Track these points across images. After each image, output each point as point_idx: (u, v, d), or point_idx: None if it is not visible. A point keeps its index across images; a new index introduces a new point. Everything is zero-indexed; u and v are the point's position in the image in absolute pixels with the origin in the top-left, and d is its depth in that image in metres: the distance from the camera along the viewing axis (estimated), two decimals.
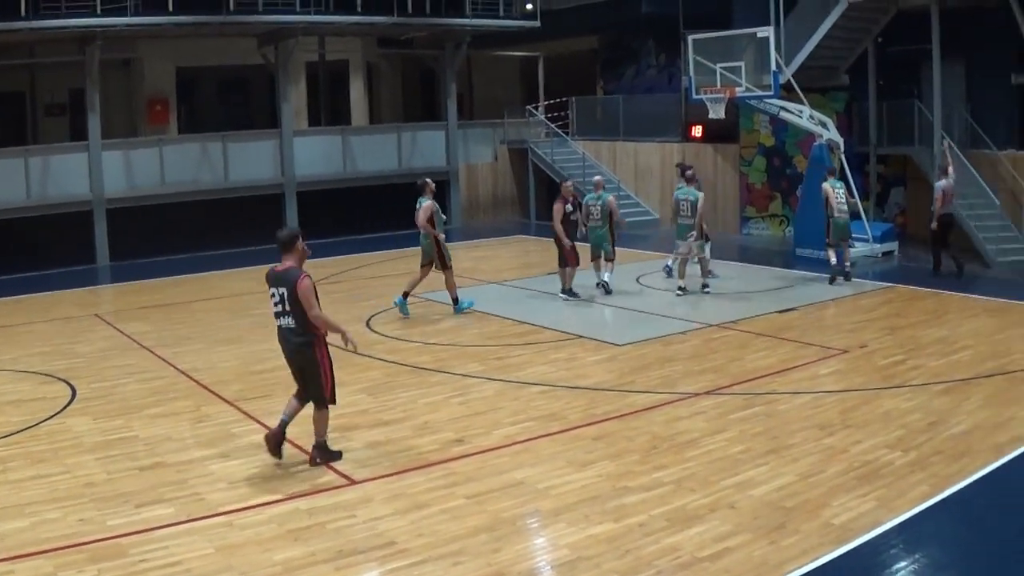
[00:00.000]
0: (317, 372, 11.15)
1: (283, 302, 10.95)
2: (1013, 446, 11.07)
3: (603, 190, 21.18)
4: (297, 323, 10.93)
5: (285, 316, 11.00)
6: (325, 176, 31.98)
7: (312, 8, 29.57)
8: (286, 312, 10.96)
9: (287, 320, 10.99)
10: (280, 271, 11.07)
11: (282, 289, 10.93)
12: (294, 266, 11.07)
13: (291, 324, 10.98)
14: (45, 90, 32.68)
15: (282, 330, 11.12)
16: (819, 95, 27.43)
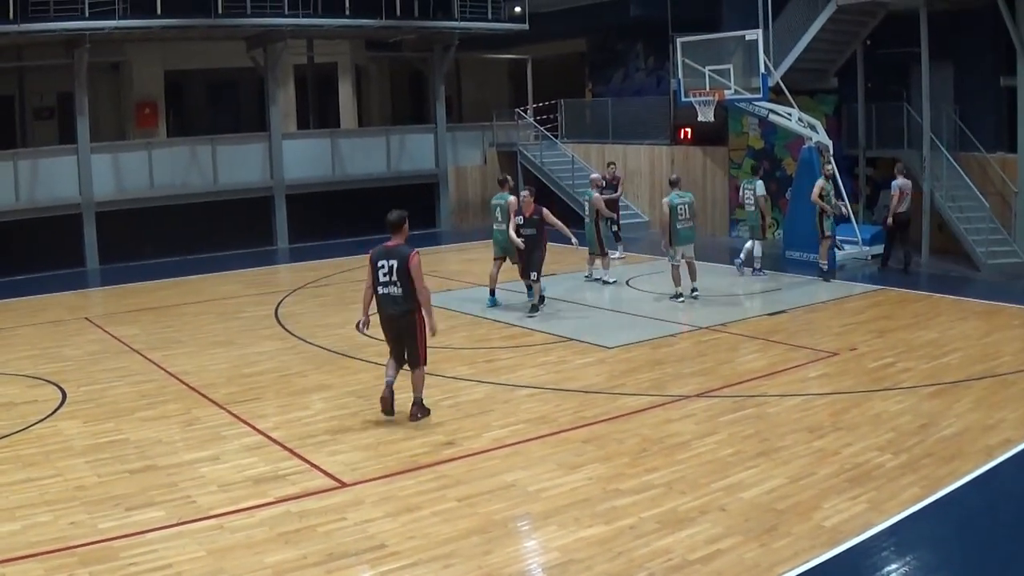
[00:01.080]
0: (415, 336, 12.70)
1: (391, 273, 12.50)
2: (1003, 448, 11.10)
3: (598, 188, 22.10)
4: (403, 292, 12.49)
5: (392, 285, 12.53)
6: (314, 179, 31.95)
7: (300, 11, 29.58)
8: (393, 282, 12.51)
9: (394, 289, 12.53)
10: (391, 246, 12.63)
11: (392, 261, 12.50)
12: (403, 243, 12.60)
13: (397, 293, 12.52)
14: (34, 93, 32.64)
15: (387, 297, 12.59)
16: (808, 98, 27.45)
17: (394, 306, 12.57)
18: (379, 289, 12.63)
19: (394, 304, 12.55)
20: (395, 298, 12.52)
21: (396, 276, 12.45)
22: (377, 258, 12.63)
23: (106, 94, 33.01)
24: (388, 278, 12.51)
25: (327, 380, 14.96)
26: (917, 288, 21.31)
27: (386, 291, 12.57)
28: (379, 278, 12.58)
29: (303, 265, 26.55)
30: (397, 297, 12.50)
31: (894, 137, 26.33)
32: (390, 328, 12.81)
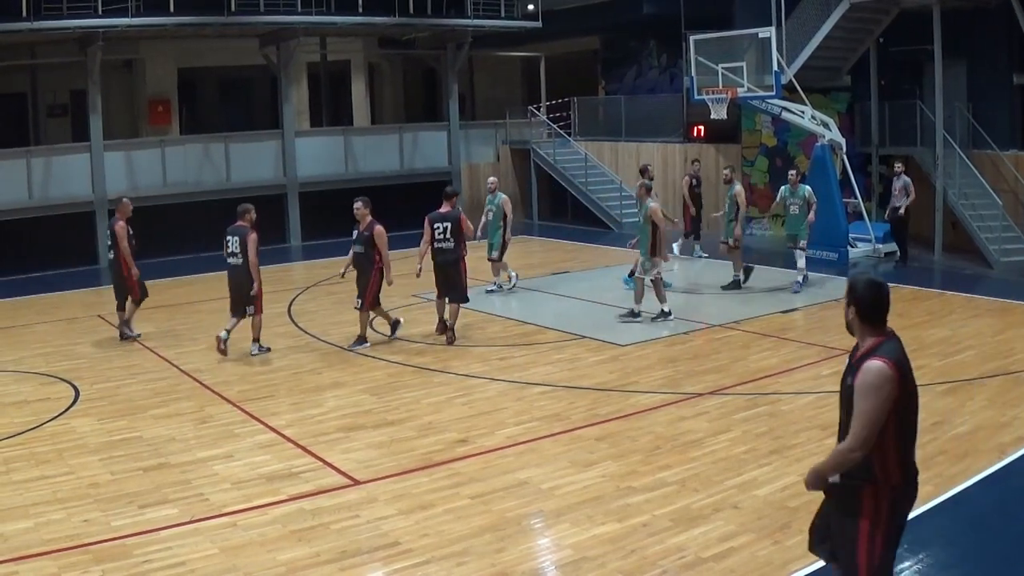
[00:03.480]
0: (460, 278, 16.99)
1: (445, 232, 16.84)
2: (1016, 446, 11.08)
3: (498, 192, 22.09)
4: (454, 245, 16.81)
5: (445, 241, 16.83)
6: (327, 177, 31.97)
7: (314, 8, 29.59)
8: (446, 239, 16.83)
9: (447, 243, 16.83)
10: (444, 212, 17.01)
11: (446, 223, 16.86)
12: (452, 210, 17.03)
13: (449, 246, 16.82)
14: (47, 91, 32.72)
15: (440, 250, 16.90)
16: (821, 95, 27.44)
17: (447, 255, 16.81)
18: (435, 244, 16.88)
19: (447, 254, 16.81)
20: (447, 250, 16.82)
21: (450, 234, 16.76)
22: (434, 220, 16.92)
23: (119, 92, 33.08)
24: (442, 236, 16.81)
25: (340, 378, 14.98)
26: (930, 285, 21.28)
27: (440, 246, 16.86)
28: (435, 236, 16.84)
29: (316, 262, 26.54)
30: (448, 249, 16.81)
31: (907, 135, 26.30)
32: (442, 273, 16.95)
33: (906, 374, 6.03)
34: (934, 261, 24.10)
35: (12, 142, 28.75)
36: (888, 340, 6.15)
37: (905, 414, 6.06)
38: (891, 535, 6.21)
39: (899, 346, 6.15)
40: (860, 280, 6.25)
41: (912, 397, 6.09)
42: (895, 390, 5.93)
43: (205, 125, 34.11)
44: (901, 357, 6.07)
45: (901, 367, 6.00)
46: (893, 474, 6.08)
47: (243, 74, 35.46)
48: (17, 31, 25.66)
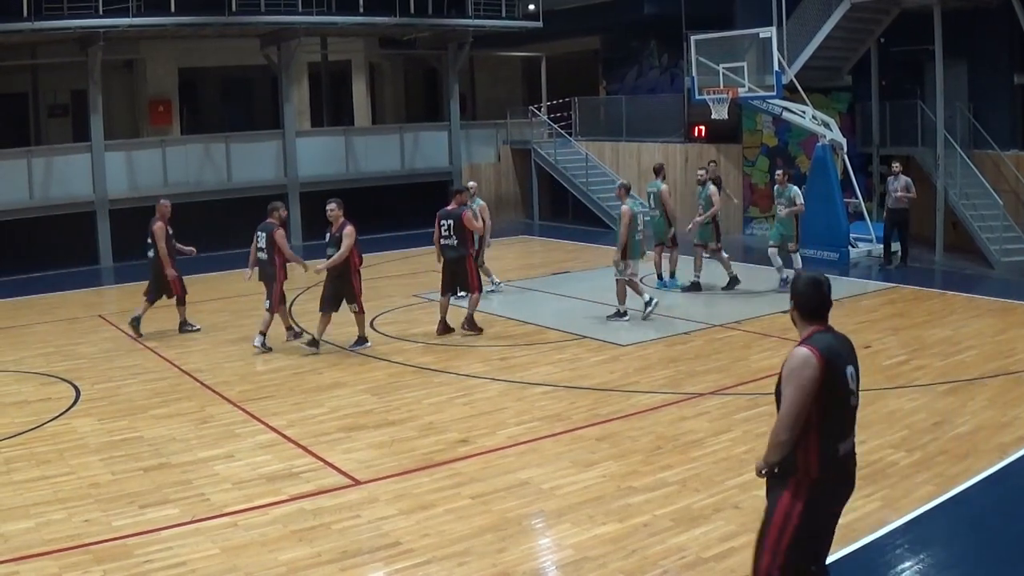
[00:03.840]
0: (467, 272, 17.36)
1: (449, 229, 17.16)
2: (1018, 446, 11.07)
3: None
4: (458, 242, 17.16)
5: (450, 238, 17.20)
6: (328, 177, 31.94)
7: (314, 8, 29.59)
8: (451, 235, 17.16)
9: (451, 240, 17.22)
10: (450, 209, 17.35)
11: (450, 220, 17.14)
12: (456, 207, 17.29)
13: (453, 243, 17.20)
14: (48, 91, 32.74)
15: (446, 247, 17.35)
16: (822, 95, 27.44)
17: (452, 252, 17.28)
18: (442, 241, 17.35)
19: (452, 251, 17.27)
20: (452, 247, 17.23)
21: (453, 231, 17.10)
22: (441, 218, 17.35)
23: (120, 92, 33.10)
24: (447, 232, 17.19)
25: (341, 378, 14.98)
26: (931, 286, 21.30)
27: (445, 243, 17.33)
28: (442, 233, 17.26)
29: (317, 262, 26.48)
30: (452, 246, 17.21)
31: (908, 135, 26.29)
32: (449, 269, 17.43)
33: (834, 366, 6.15)
34: (935, 261, 24.10)
35: (13, 142, 28.77)
36: (823, 332, 6.34)
37: (830, 408, 6.18)
38: (805, 530, 6.29)
39: (833, 340, 6.32)
40: (801, 278, 6.54)
41: (838, 391, 6.19)
42: (817, 378, 6.07)
43: (206, 125, 34.13)
44: (832, 349, 6.23)
45: (828, 358, 6.14)
46: (812, 468, 6.21)
47: (244, 74, 35.47)
48: (18, 31, 25.66)
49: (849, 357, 6.35)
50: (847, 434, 6.33)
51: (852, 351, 6.44)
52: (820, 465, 6.22)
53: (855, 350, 6.51)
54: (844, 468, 6.35)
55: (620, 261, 18.00)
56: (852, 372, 6.31)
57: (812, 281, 6.44)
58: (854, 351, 6.48)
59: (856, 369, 6.38)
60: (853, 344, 6.54)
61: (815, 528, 6.36)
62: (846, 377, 6.24)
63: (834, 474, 6.29)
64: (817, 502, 6.28)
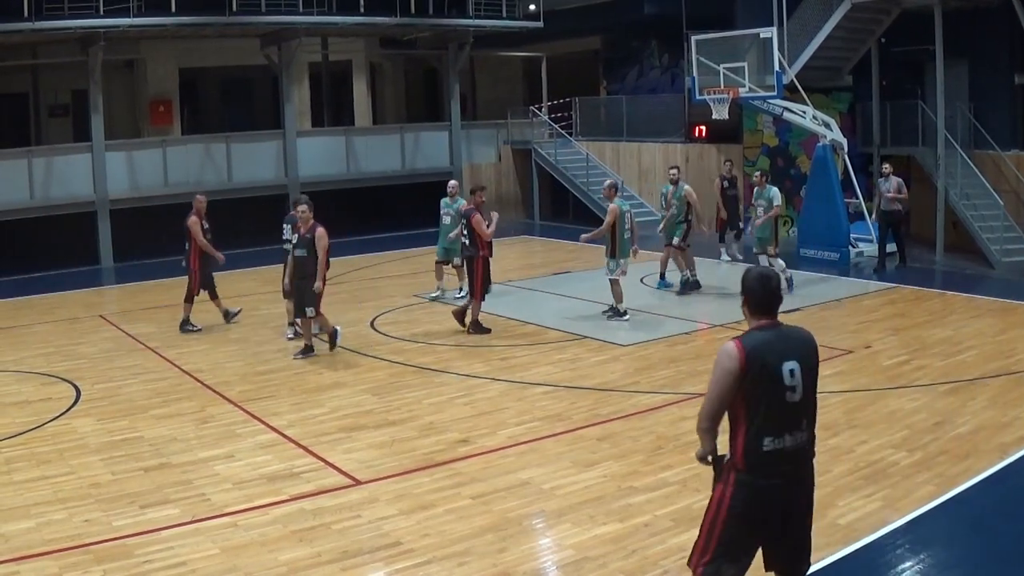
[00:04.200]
0: (473, 274, 17.35)
1: (463, 228, 17.40)
2: (1018, 446, 11.07)
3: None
4: (469, 242, 17.27)
5: (465, 237, 17.37)
6: (329, 176, 31.95)
7: (315, 8, 29.59)
8: (465, 235, 17.35)
9: (465, 239, 17.37)
10: (464, 209, 17.75)
11: (464, 220, 17.35)
12: (471, 207, 17.41)
13: (466, 242, 17.35)
14: (48, 91, 32.74)
15: (463, 246, 17.61)
16: (822, 95, 27.43)
17: (465, 251, 17.65)
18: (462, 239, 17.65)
19: (465, 250, 17.63)
20: (465, 246, 17.52)
21: (466, 230, 17.28)
22: (460, 216, 17.82)
23: (121, 92, 33.09)
24: (463, 232, 17.44)
25: (342, 378, 14.98)
26: (931, 286, 21.29)
27: (463, 241, 17.57)
28: (462, 231, 17.57)
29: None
30: (465, 246, 17.51)
31: (908, 135, 26.27)
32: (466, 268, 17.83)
33: (758, 362, 6.21)
34: (935, 261, 24.09)
35: (14, 142, 28.79)
36: (762, 329, 6.43)
37: (757, 402, 6.24)
38: (734, 519, 6.35)
39: (772, 336, 6.39)
40: (750, 273, 6.62)
41: (766, 387, 6.23)
42: (734, 371, 6.21)
43: (206, 125, 34.14)
44: (762, 345, 6.29)
45: (751, 353, 6.22)
46: (739, 460, 6.32)
47: (244, 74, 35.45)
48: (18, 31, 25.66)
49: (792, 353, 6.34)
50: (780, 430, 6.30)
51: (803, 347, 6.46)
52: (745, 458, 6.30)
53: (811, 346, 6.52)
54: (773, 464, 6.29)
55: (611, 260, 18.02)
56: (794, 368, 6.28)
57: (761, 277, 6.55)
58: (807, 347, 6.49)
59: (804, 365, 6.36)
60: (810, 340, 6.55)
61: (746, 519, 6.36)
62: (780, 373, 6.24)
63: (760, 469, 6.29)
64: (745, 494, 6.32)
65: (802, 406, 6.38)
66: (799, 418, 6.38)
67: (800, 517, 6.58)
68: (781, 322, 6.51)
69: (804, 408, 6.41)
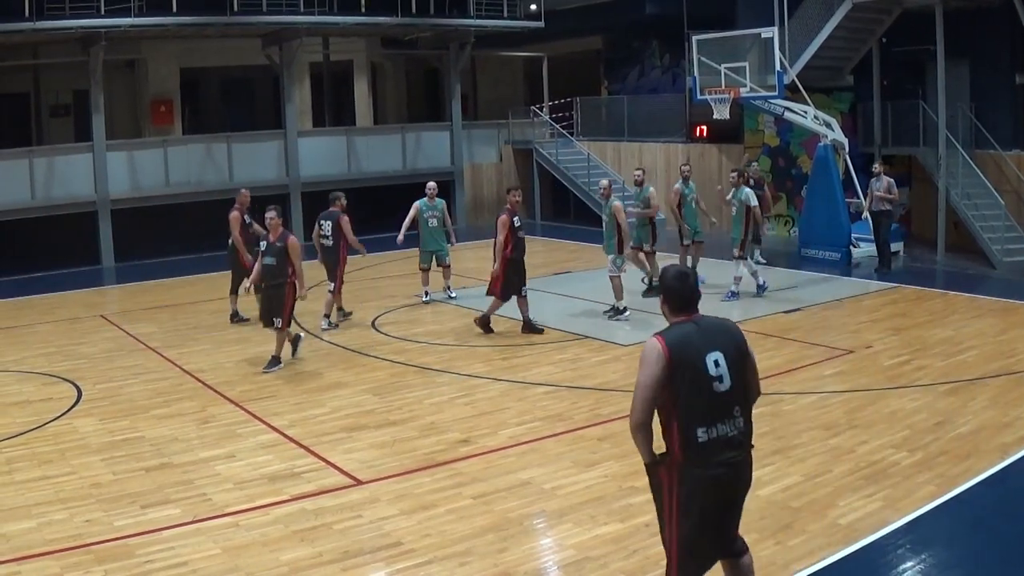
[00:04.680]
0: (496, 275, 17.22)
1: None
2: (1019, 446, 11.06)
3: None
4: (500, 243, 16.94)
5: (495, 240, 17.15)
6: (330, 176, 31.90)
7: (316, 8, 29.59)
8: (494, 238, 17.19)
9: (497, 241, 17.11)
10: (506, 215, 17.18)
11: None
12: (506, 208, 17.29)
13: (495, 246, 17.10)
14: (49, 91, 32.73)
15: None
16: (823, 95, 27.42)
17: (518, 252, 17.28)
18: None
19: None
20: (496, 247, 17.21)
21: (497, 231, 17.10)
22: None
23: (122, 92, 33.10)
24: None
25: (343, 378, 14.98)
26: (932, 286, 21.28)
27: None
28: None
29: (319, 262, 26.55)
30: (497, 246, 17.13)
31: (909, 135, 26.25)
32: None
33: (682, 355, 6.44)
34: (937, 261, 24.09)
35: (15, 142, 28.80)
36: (683, 323, 6.73)
37: (684, 394, 6.43)
38: (684, 507, 6.54)
39: (693, 329, 6.66)
40: (668, 271, 6.96)
41: (692, 379, 6.44)
42: (660, 365, 6.39)
43: (207, 125, 34.14)
44: (683, 339, 6.55)
45: (674, 348, 6.44)
46: (676, 451, 6.49)
47: (246, 74, 35.45)
48: (20, 31, 25.69)
49: (714, 345, 6.57)
50: (711, 420, 6.49)
51: (724, 337, 6.71)
52: (681, 449, 6.46)
53: (733, 335, 6.79)
54: (710, 454, 6.46)
55: (618, 257, 18.12)
56: (718, 359, 6.51)
57: (679, 275, 6.86)
58: (729, 336, 6.75)
59: (729, 355, 6.59)
60: (731, 330, 6.86)
61: (696, 508, 6.52)
62: (704, 364, 6.45)
63: (697, 459, 6.45)
64: (687, 484, 6.49)
65: (732, 395, 6.60)
66: (730, 406, 6.60)
67: (739, 503, 6.84)
68: (701, 315, 6.82)
69: (735, 397, 6.63)
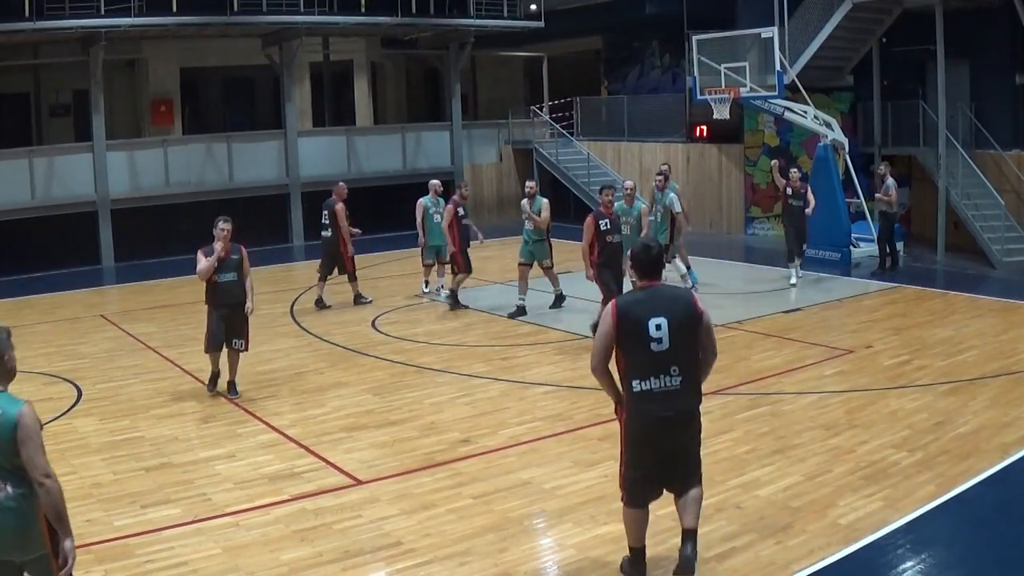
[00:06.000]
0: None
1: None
2: (1019, 446, 11.08)
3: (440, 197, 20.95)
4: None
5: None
6: (330, 176, 31.72)
7: (316, 8, 29.58)
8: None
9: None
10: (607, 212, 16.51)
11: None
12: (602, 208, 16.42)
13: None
14: (50, 91, 32.71)
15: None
16: (823, 95, 27.44)
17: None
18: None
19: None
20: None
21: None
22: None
23: (122, 91, 33.08)
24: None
25: (343, 378, 14.98)
26: (933, 286, 21.29)
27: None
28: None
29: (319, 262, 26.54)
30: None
31: (909, 135, 26.28)
32: None
33: (628, 318, 7.63)
34: (937, 261, 24.11)
35: (15, 142, 28.80)
36: (641, 290, 7.93)
37: (628, 351, 7.72)
38: (632, 445, 7.96)
39: (644, 296, 7.81)
40: (637, 244, 8.23)
41: (634, 338, 7.64)
42: (609, 324, 7.68)
43: (208, 125, 34.11)
44: (633, 303, 7.77)
45: (622, 309, 7.68)
46: (625, 397, 7.91)
47: (246, 74, 35.42)
48: (20, 31, 25.68)
49: (659, 311, 7.62)
50: (646, 375, 7.66)
51: (671, 304, 7.73)
52: (628, 397, 7.84)
53: (681, 303, 7.82)
54: (644, 403, 7.70)
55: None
56: (660, 323, 7.58)
57: (644, 247, 8.00)
58: (676, 304, 7.77)
59: (673, 322, 7.62)
60: (680, 298, 7.93)
61: (633, 447, 7.94)
62: (646, 326, 7.58)
63: (637, 406, 7.75)
64: (634, 425, 7.87)
65: (669, 355, 7.63)
66: (667, 365, 7.65)
67: (683, 448, 7.95)
68: (661, 284, 7.94)
69: (672, 357, 7.64)
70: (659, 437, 7.80)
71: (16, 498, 6.10)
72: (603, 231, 16.17)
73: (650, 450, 7.85)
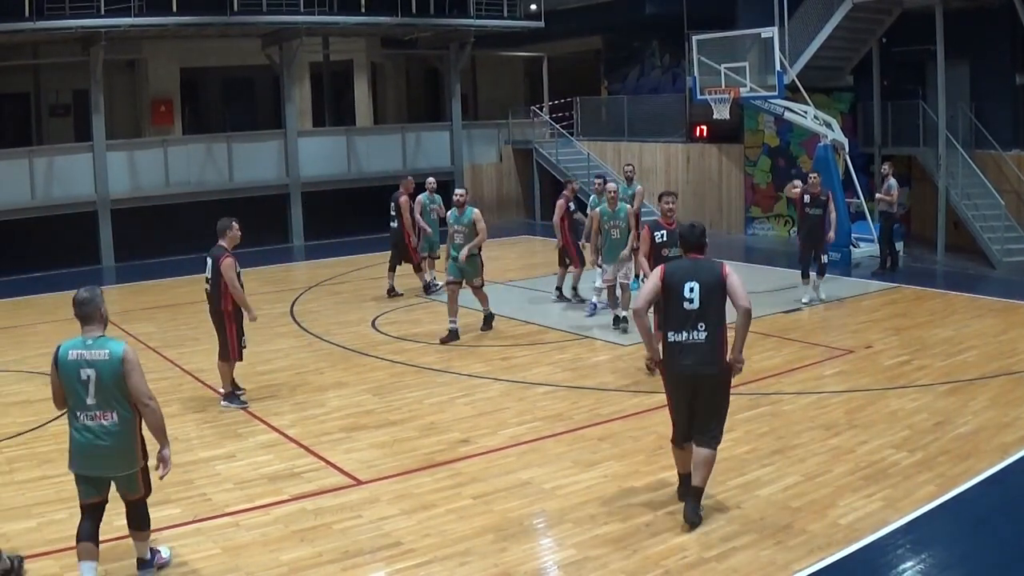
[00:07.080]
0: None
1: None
2: (1019, 446, 11.07)
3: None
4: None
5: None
6: (330, 176, 31.98)
7: (316, 8, 29.56)
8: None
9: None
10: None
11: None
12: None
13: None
14: (50, 91, 32.69)
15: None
16: (824, 95, 27.42)
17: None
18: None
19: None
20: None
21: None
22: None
23: (122, 91, 33.05)
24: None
25: (343, 378, 14.98)
26: (933, 286, 21.28)
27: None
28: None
29: (319, 262, 26.57)
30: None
31: (909, 135, 26.26)
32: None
33: (671, 279, 9.18)
34: (937, 261, 24.10)
35: (15, 142, 28.84)
36: (684, 259, 9.50)
37: (667, 307, 9.24)
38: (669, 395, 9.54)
39: (689, 263, 9.35)
40: (684, 224, 9.82)
41: (673, 297, 9.14)
42: (656, 283, 9.23)
43: (208, 125, 34.12)
44: (676, 269, 9.34)
45: (668, 272, 9.27)
46: (663, 347, 9.36)
47: (246, 74, 35.39)
48: (20, 31, 25.68)
49: (694, 276, 9.13)
50: (678, 328, 9.12)
51: (705, 273, 9.16)
52: (664, 346, 9.30)
53: (713, 273, 9.13)
54: (677, 352, 9.15)
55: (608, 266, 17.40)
56: (694, 287, 9.06)
57: (690, 227, 9.51)
58: (709, 273, 9.15)
59: (704, 286, 9.07)
60: (713, 269, 9.16)
61: (670, 390, 9.49)
62: (682, 288, 9.08)
63: (670, 354, 9.23)
64: (669, 372, 9.35)
65: (699, 313, 9.07)
66: (697, 322, 9.08)
67: (706, 398, 9.19)
68: (702, 258, 9.34)
69: (701, 315, 9.08)
70: (684, 384, 9.20)
71: (120, 423, 7.90)
72: (658, 243, 14.09)
73: (679, 394, 9.31)
